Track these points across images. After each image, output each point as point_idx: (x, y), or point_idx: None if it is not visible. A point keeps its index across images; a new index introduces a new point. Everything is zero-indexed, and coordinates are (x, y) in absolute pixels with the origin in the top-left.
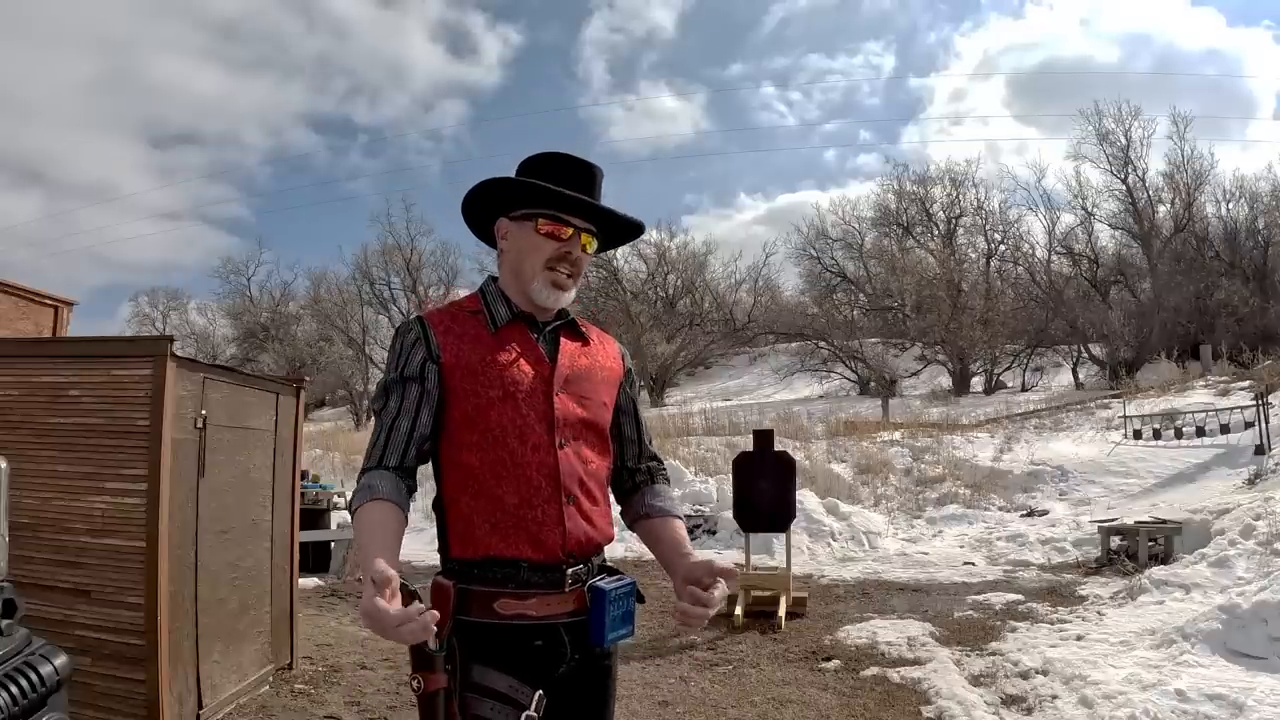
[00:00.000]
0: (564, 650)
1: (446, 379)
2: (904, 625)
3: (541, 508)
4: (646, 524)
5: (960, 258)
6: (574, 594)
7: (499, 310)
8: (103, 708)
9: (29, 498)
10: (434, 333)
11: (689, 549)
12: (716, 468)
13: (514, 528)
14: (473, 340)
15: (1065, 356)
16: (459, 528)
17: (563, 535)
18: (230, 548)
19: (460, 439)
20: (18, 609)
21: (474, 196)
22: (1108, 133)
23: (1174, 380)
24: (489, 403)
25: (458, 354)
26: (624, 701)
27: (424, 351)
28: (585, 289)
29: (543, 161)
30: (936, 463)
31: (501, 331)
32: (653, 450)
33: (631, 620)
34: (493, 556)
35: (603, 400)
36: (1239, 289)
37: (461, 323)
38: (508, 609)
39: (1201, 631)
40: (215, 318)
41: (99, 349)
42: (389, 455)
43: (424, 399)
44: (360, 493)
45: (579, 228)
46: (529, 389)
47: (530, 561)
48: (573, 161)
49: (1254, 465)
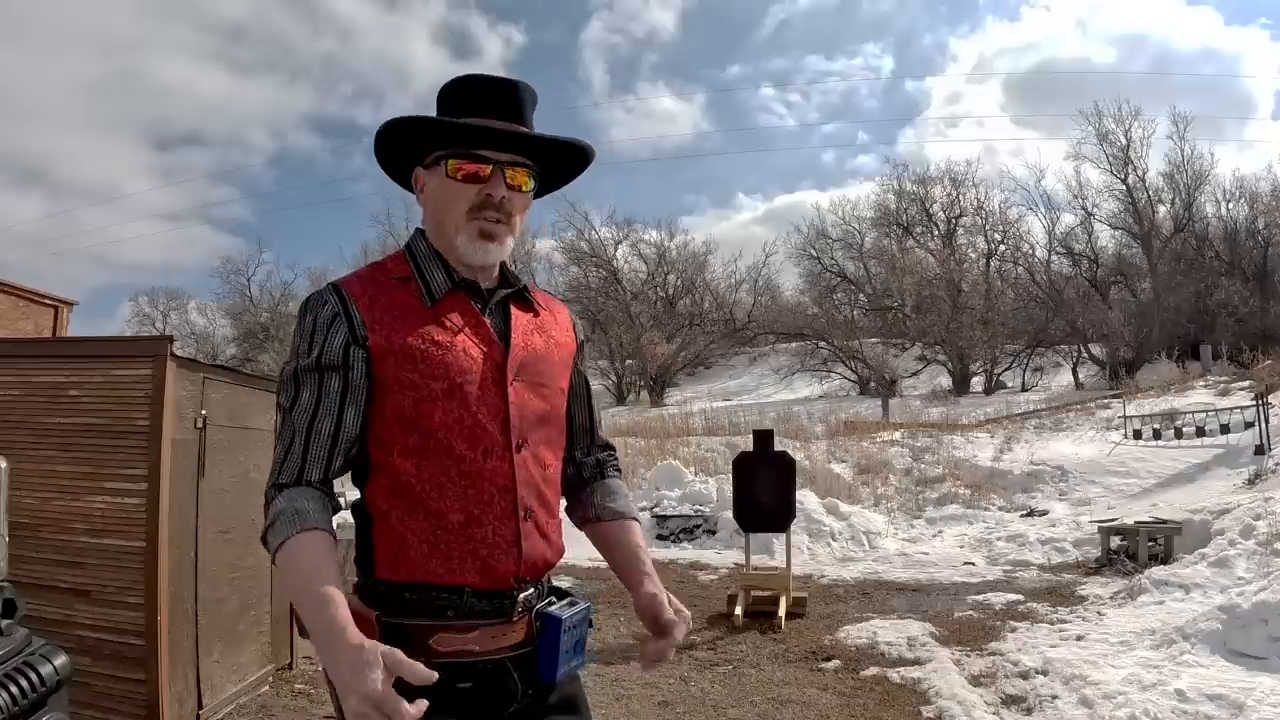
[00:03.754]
0: (514, 689)
1: (375, 366)
2: (904, 625)
3: (493, 526)
4: (599, 527)
5: (960, 258)
6: (522, 622)
7: (435, 276)
8: (103, 708)
9: (29, 498)
10: (356, 307)
11: (647, 564)
12: (716, 468)
13: (459, 550)
14: (404, 316)
15: (1065, 356)
16: (388, 544)
17: (517, 559)
18: (230, 548)
19: (392, 441)
20: (18, 609)
21: (379, 150)
22: (1107, 133)
23: (1174, 380)
24: (430, 397)
25: (388, 335)
26: (624, 701)
27: (345, 331)
28: (585, 289)
29: (451, 90)
30: (936, 463)
31: (440, 304)
32: (604, 438)
33: (584, 649)
34: (429, 582)
35: (560, 386)
36: (1239, 289)
37: (389, 293)
38: (446, 644)
39: (1201, 631)
40: (215, 318)
41: (99, 349)
42: (310, 467)
43: (348, 393)
44: (283, 520)
45: (501, 162)
46: (479, 379)
47: (474, 589)
48: (484, 82)
49: (1254, 465)
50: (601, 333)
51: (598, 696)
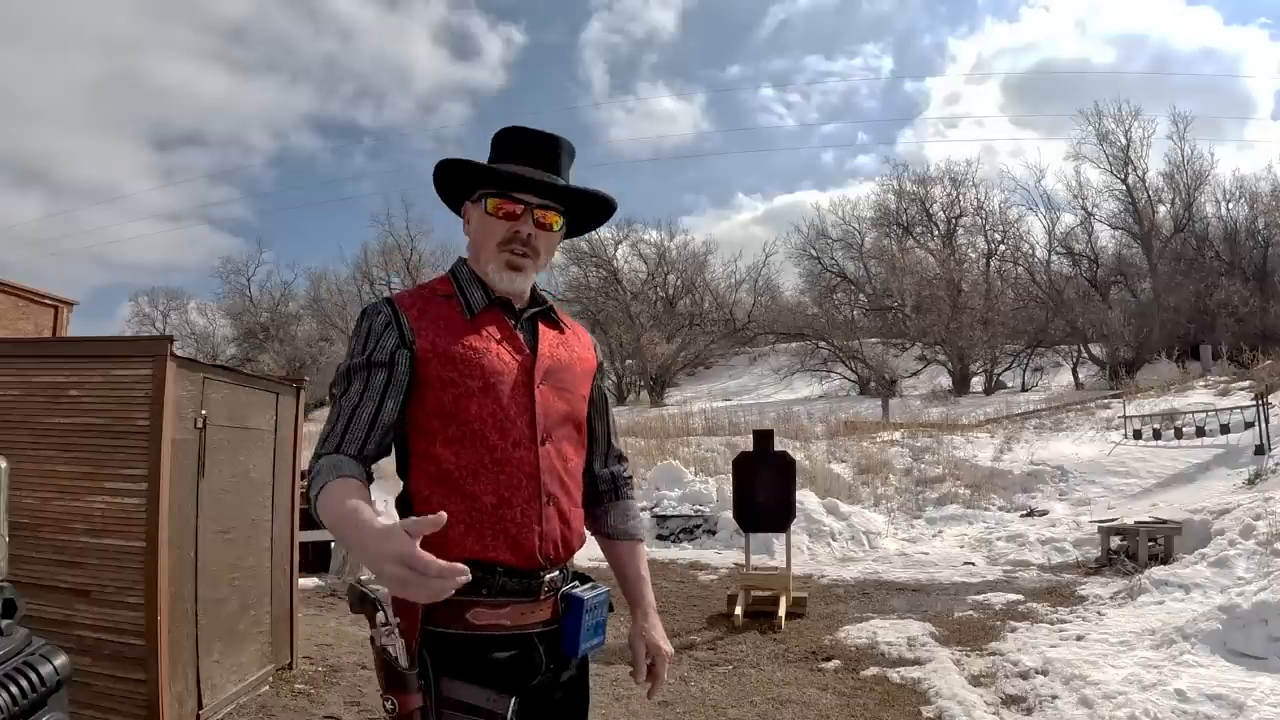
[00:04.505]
0: (539, 661)
1: (420, 367)
2: (904, 625)
3: (521, 508)
4: (608, 543)
5: (960, 258)
6: (548, 602)
7: (474, 294)
8: (103, 708)
9: (29, 498)
10: (406, 316)
11: (647, 596)
12: (716, 468)
13: (491, 529)
14: (448, 326)
15: (1065, 356)
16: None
17: (540, 538)
18: (230, 548)
19: (434, 432)
20: (18, 609)
21: (438, 186)
22: (1108, 133)
23: (1174, 380)
24: (468, 394)
25: (433, 340)
26: (624, 701)
27: (396, 336)
28: (585, 289)
29: (501, 137)
30: (936, 463)
31: (478, 317)
32: (618, 449)
33: (603, 631)
34: (466, 559)
35: (581, 393)
36: (1239, 289)
37: (435, 306)
38: (481, 619)
39: (1201, 631)
40: (215, 318)
41: (99, 349)
42: (348, 442)
43: (390, 386)
44: (322, 473)
45: (532, 204)
46: (511, 380)
47: (506, 566)
48: (528, 135)
49: (1254, 465)
50: (601, 333)
51: (598, 696)
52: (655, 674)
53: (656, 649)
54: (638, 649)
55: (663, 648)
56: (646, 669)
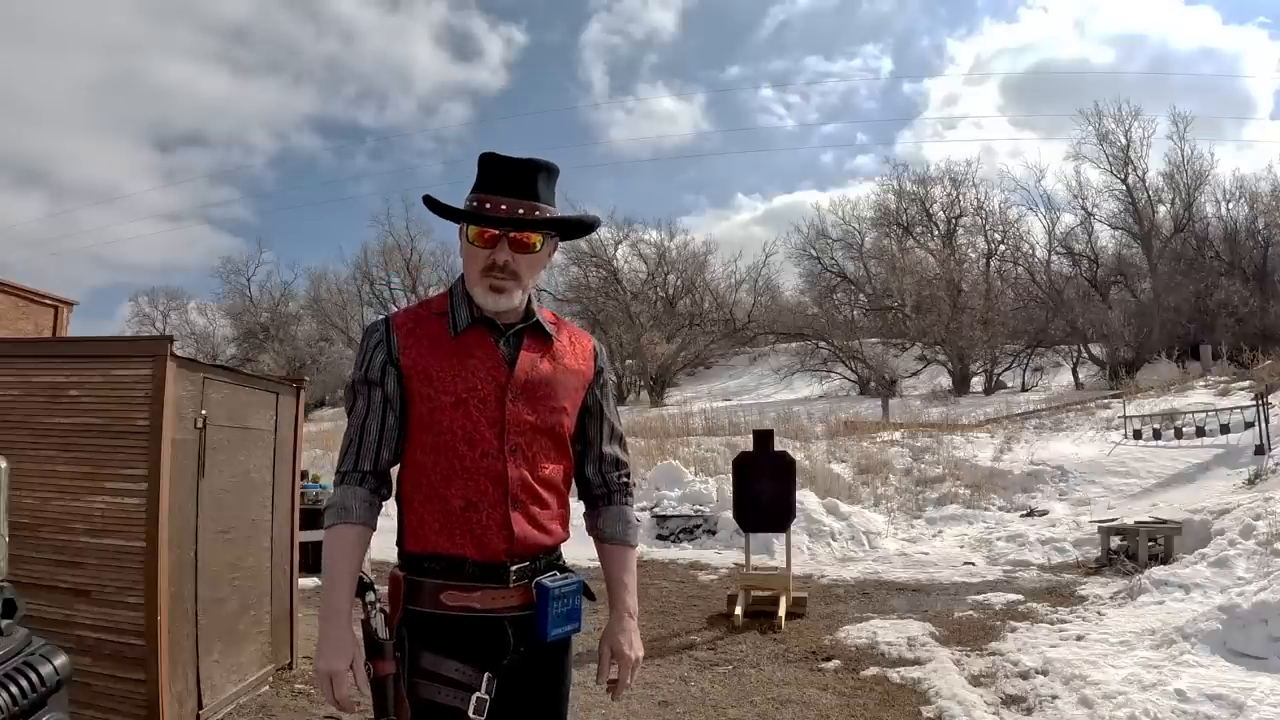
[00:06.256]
0: (507, 642)
1: (406, 382)
2: (904, 625)
3: (487, 512)
4: (599, 545)
5: (960, 258)
6: (520, 589)
7: (460, 313)
8: (103, 708)
9: (29, 498)
10: (397, 335)
11: (627, 601)
12: (716, 468)
13: (460, 529)
14: (432, 344)
15: (1065, 356)
16: (412, 524)
17: (508, 539)
18: (230, 548)
19: (415, 440)
20: (18, 609)
21: (432, 209)
22: (1107, 133)
23: (1174, 380)
24: (441, 407)
25: (415, 358)
26: (624, 701)
27: (384, 354)
28: (585, 289)
29: (481, 164)
30: (936, 463)
31: (462, 335)
32: (615, 454)
33: (577, 617)
34: (439, 553)
35: (562, 406)
36: (1239, 289)
37: (425, 325)
38: (453, 600)
39: (1201, 631)
40: (215, 318)
41: (99, 349)
42: (363, 459)
43: (387, 401)
44: (332, 512)
45: (508, 232)
46: (482, 395)
47: (473, 560)
48: (503, 164)
49: (1254, 465)
50: (601, 333)
51: (598, 696)
52: (619, 678)
53: (620, 654)
54: (602, 652)
55: (627, 653)
56: (610, 672)
